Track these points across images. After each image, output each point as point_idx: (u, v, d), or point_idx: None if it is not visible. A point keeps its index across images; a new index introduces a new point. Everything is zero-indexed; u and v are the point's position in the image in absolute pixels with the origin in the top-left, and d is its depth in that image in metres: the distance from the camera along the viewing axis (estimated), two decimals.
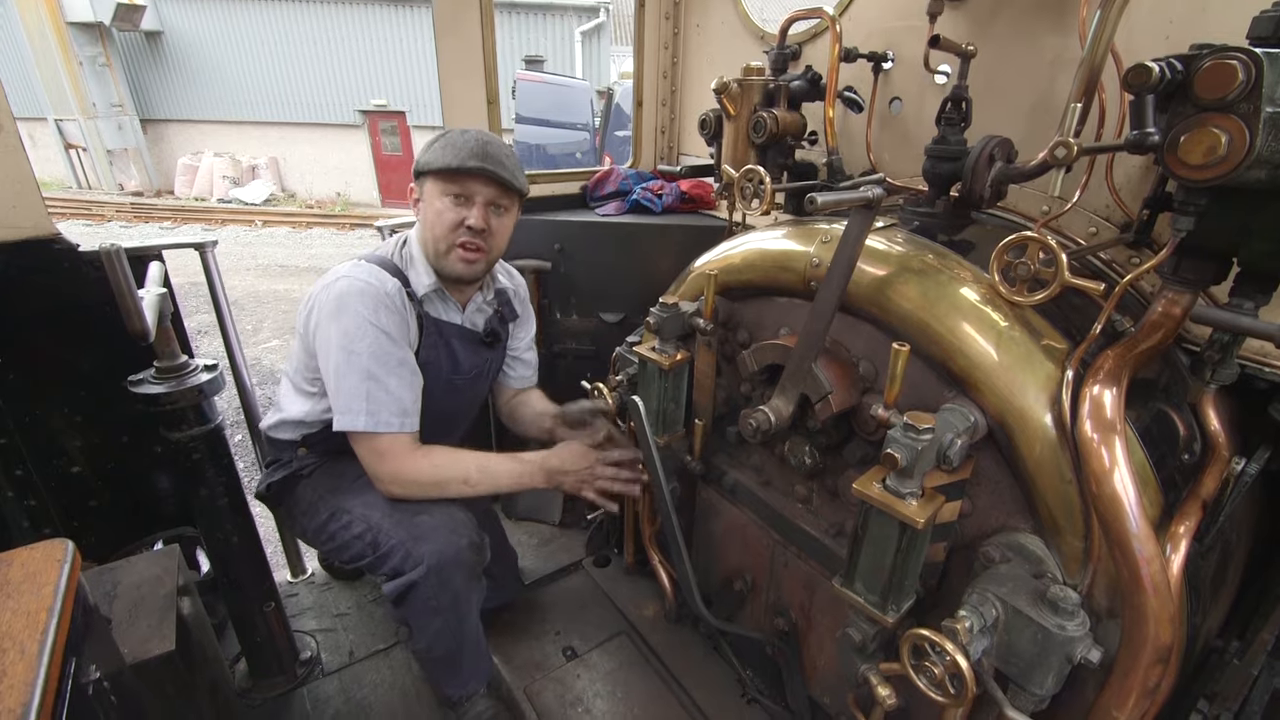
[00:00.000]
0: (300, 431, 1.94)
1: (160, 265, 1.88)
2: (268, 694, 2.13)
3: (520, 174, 1.83)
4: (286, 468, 1.95)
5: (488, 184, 1.76)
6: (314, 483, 1.92)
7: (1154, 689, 1.07)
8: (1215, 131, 0.99)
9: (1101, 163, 1.54)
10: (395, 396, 1.74)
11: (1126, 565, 1.04)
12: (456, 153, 1.72)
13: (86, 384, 2.12)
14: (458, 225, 1.77)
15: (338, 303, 1.71)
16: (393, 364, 1.74)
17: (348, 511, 1.83)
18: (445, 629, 1.82)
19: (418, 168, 1.80)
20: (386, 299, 1.74)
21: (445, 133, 1.80)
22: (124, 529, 2.32)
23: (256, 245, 12.67)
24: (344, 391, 1.72)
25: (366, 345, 1.70)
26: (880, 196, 1.26)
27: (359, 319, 1.70)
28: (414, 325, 1.84)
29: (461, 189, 1.76)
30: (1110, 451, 1.07)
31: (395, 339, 1.75)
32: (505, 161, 1.77)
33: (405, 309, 1.80)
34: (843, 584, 1.35)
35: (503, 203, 1.82)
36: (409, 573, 1.72)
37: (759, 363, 1.62)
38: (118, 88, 16.40)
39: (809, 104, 1.96)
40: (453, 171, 1.72)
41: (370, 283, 1.74)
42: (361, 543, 1.79)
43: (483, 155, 1.72)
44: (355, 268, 1.77)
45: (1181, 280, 1.21)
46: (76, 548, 1.27)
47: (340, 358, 1.71)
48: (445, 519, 1.79)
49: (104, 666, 1.30)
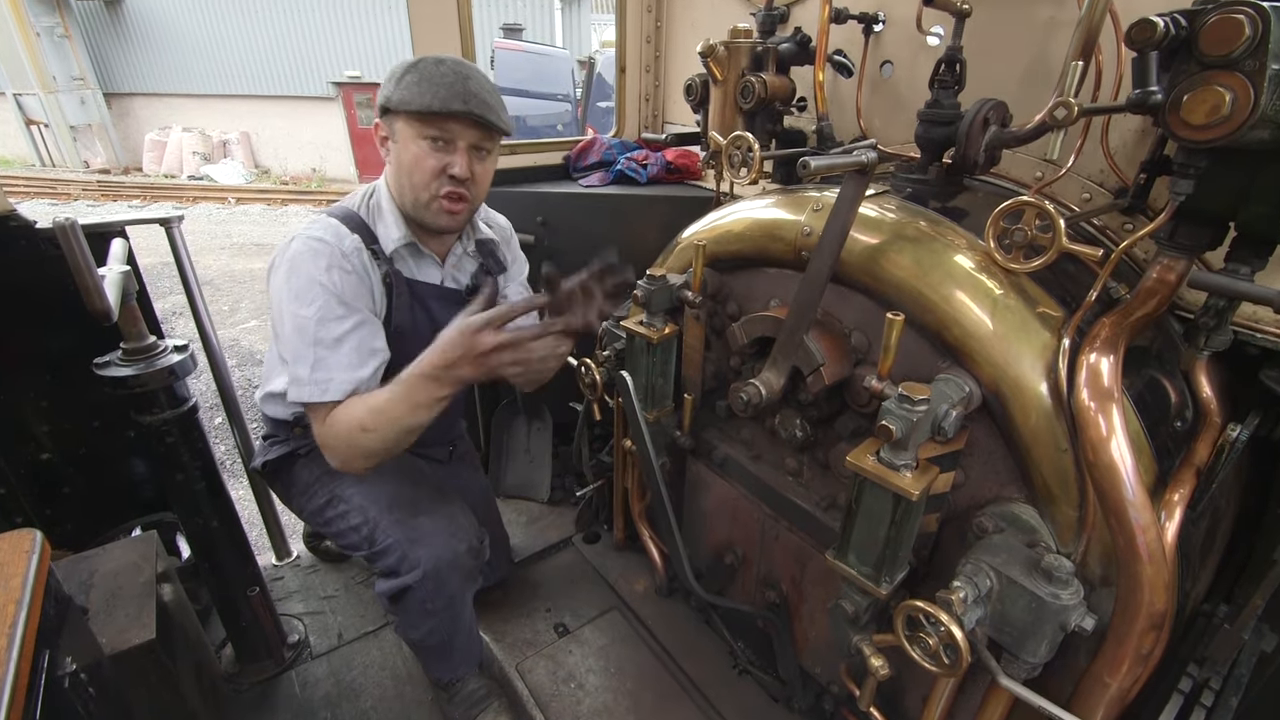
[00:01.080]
0: (291, 410, 1.81)
1: (123, 242, 1.80)
2: (255, 679, 2.11)
3: (505, 111, 1.65)
4: (284, 445, 1.87)
5: (472, 126, 1.58)
6: (311, 462, 1.84)
7: (1147, 655, 1.07)
8: (1219, 90, 0.96)
9: (1096, 127, 1.51)
10: (347, 364, 1.56)
11: (1122, 533, 1.04)
12: (436, 91, 1.52)
13: (53, 367, 2.04)
14: (439, 173, 1.60)
15: (290, 264, 1.56)
16: (346, 329, 1.57)
17: (345, 500, 1.77)
18: (439, 627, 1.79)
19: (386, 104, 1.58)
20: (341, 259, 1.57)
21: (417, 62, 1.57)
22: (100, 516, 2.26)
23: (230, 223, 12.34)
24: (291, 359, 1.55)
25: (315, 310, 1.53)
26: (874, 161, 1.22)
27: (309, 280, 1.54)
28: (379, 286, 1.67)
29: (441, 132, 1.57)
30: (1108, 420, 1.05)
31: (348, 301, 1.57)
32: (490, 100, 1.58)
33: (366, 268, 1.64)
34: (836, 556, 1.34)
35: (486, 145, 1.65)
36: (404, 576, 1.67)
37: (749, 335, 1.59)
38: (78, 60, 15.73)
39: (797, 68, 1.90)
40: (432, 114, 1.54)
41: (325, 240, 1.57)
42: (358, 535, 1.74)
43: (466, 94, 1.53)
44: (312, 224, 1.62)
45: (1178, 246, 1.19)
46: (46, 537, 1.23)
47: (288, 324, 1.55)
48: (445, 522, 1.73)
49: (81, 658, 1.27)
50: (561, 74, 9.07)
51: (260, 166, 17.03)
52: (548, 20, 15.97)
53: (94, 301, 1.32)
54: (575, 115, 8.92)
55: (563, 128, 8.74)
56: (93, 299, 1.32)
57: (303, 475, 1.85)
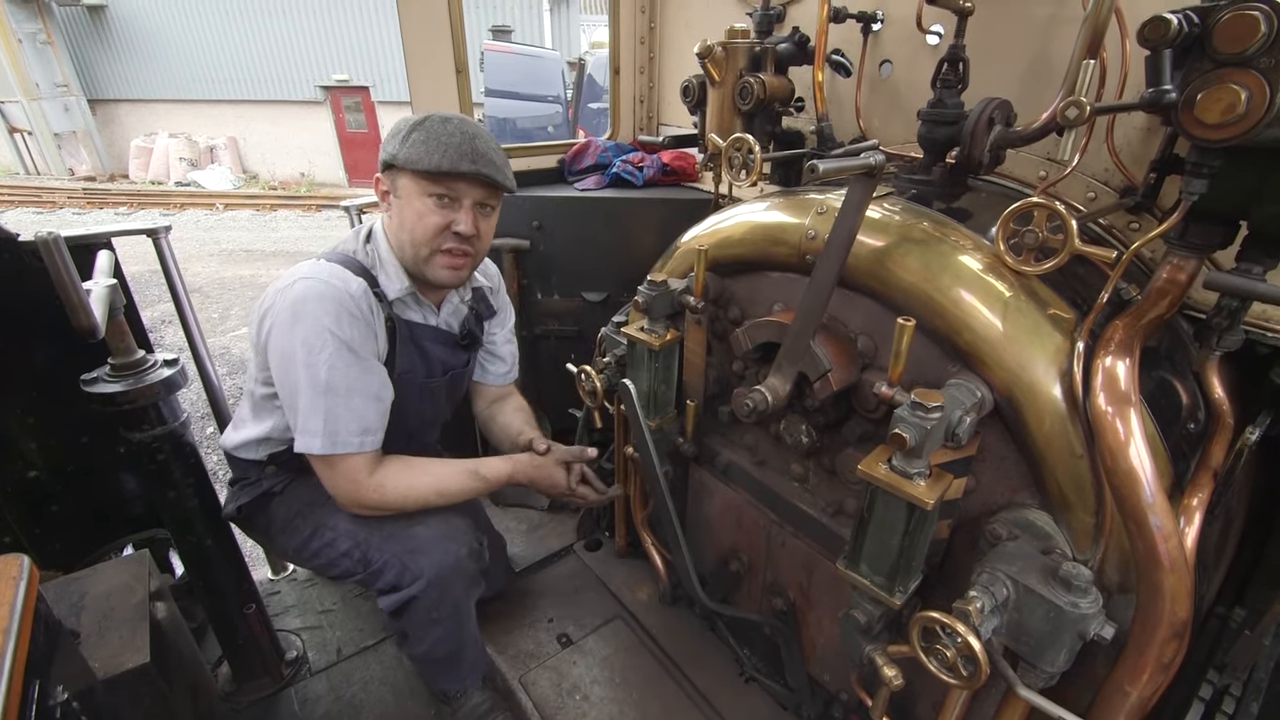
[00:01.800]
0: (266, 450, 1.78)
1: (109, 254, 1.75)
2: (253, 697, 2.06)
3: (508, 169, 1.66)
4: (256, 487, 1.80)
5: (478, 185, 1.60)
6: (288, 499, 1.79)
7: (1169, 664, 1.06)
8: (1234, 88, 0.94)
9: (1101, 126, 1.49)
10: (356, 414, 1.58)
11: (1143, 540, 1.02)
12: (445, 151, 1.52)
13: (39, 383, 1.99)
14: (443, 230, 1.60)
15: (293, 309, 1.52)
16: (354, 377, 1.57)
17: (331, 528, 1.72)
18: (445, 636, 1.76)
19: (392, 160, 1.58)
20: (350, 302, 1.55)
21: (422, 121, 1.57)
22: (90, 534, 2.21)
23: (219, 230, 12.24)
24: (301, 409, 1.55)
25: (326, 357, 1.52)
26: (882, 163, 1.20)
27: (318, 327, 1.51)
28: (383, 332, 1.66)
29: (448, 190, 1.58)
30: (1125, 424, 1.03)
31: (358, 350, 1.57)
32: (495, 159, 1.60)
33: (372, 313, 1.62)
34: (847, 566, 1.32)
35: (491, 203, 1.67)
36: (407, 588, 1.64)
37: (753, 340, 1.56)
38: (61, 66, 15.59)
39: (795, 68, 1.88)
40: (442, 174, 1.54)
41: (331, 284, 1.54)
42: (349, 560, 1.70)
43: (474, 155, 1.54)
44: (314, 268, 1.58)
45: (1188, 245, 1.17)
46: (34, 562, 1.19)
47: (297, 372, 1.53)
48: (442, 528, 1.70)
49: (72, 685, 1.23)
50: (551, 75, 9.03)
51: (248, 172, 16.92)
52: (536, 21, 15.93)
53: (80, 318, 1.28)
54: (566, 117, 8.88)
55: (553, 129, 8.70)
56: (78, 315, 1.28)
57: (280, 513, 1.80)
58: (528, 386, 2.90)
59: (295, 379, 1.54)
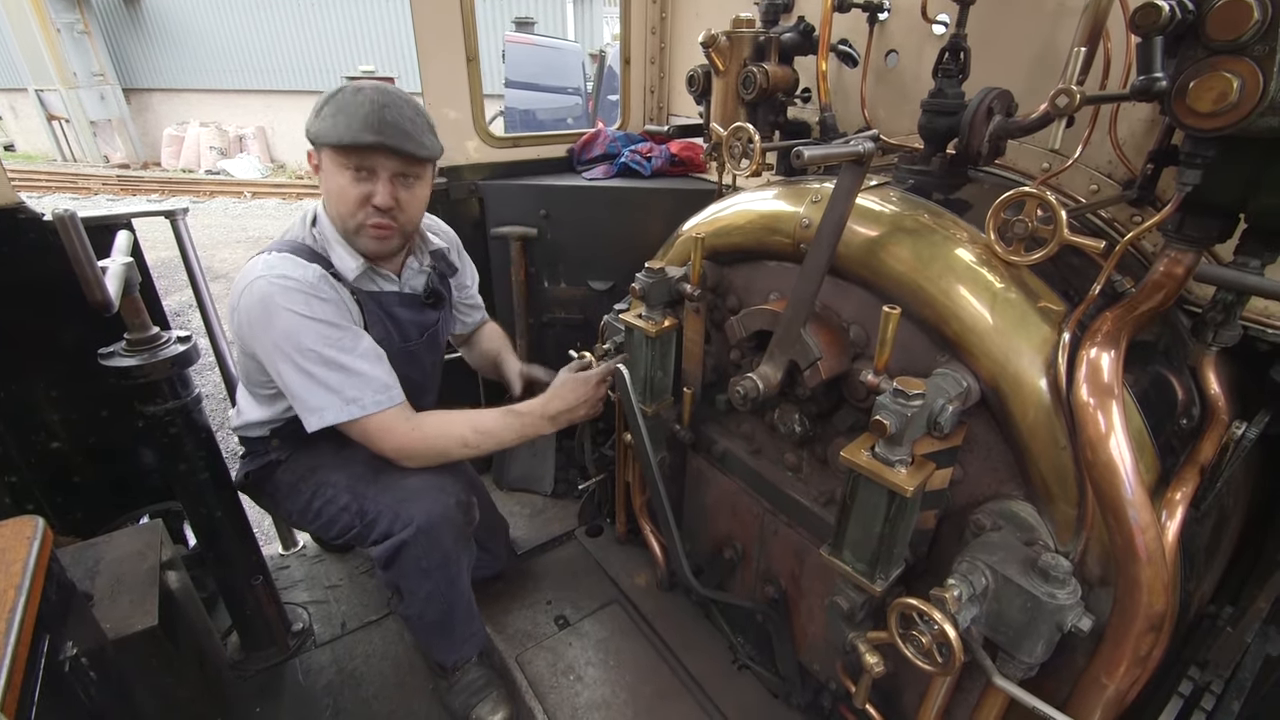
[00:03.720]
0: (269, 428, 1.87)
1: (129, 234, 1.82)
2: (260, 666, 2.14)
3: (429, 136, 1.64)
4: (262, 457, 1.89)
5: (391, 156, 1.58)
6: (292, 465, 1.87)
7: (1145, 657, 1.05)
8: (1227, 76, 0.92)
9: (1105, 117, 1.47)
10: (366, 376, 1.65)
11: (1120, 533, 1.01)
12: (349, 123, 1.52)
13: (63, 358, 2.07)
14: (363, 203, 1.62)
15: (263, 308, 1.57)
16: (348, 344, 1.63)
17: (331, 485, 1.79)
18: (436, 592, 1.80)
19: (309, 136, 1.60)
20: (312, 289, 1.60)
21: (337, 92, 1.57)
22: (110, 504, 2.30)
23: (246, 218, 12.47)
24: (312, 392, 1.61)
25: (314, 338, 1.58)
26: (872, 151, 1.20)
27: (292, 320, 1.56)
28: (352, 305, 1.71)
29: (362, 162, 1.58)
30: (1106, 416, 1.03)
31: (339, 324, 1.63)
32: (408, 127, 1.57)
33: (337, 292, 1.67)
34: (831, 552, 1.33)
35: (411, 172, 1.65)
36: (398, 534, 1.69)
37: (747, 329, 1.57)
38: (98, 56, 15.96)
39: (801, 58, 1.87)
40: (347, 147, 1.54)
41: (290, 276, 1.58)
42: (348, 514, 1.76)
43: (380, 125, 1.52)
44: (268, 263, 1.62)
45: (1185, 238, 1.15)
46: (50, 524, 1.25)
47: (294, 361, 1.59)
48: (432, 480, 1.75)
49: (83, 643, 1.29)
50: (572, 68, 9.02)
51: (276, 161, 17.20)
52: (559, 13, 15.93)
53: (93, 292, 1.34)
54: (586, 109, 8.88)
55: (573, 121, 8.69)
56: (92, 289, 1.34)
57: (285, 478, 1.88)
58: None
59: (296, 368, 1.60)
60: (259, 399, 1.83)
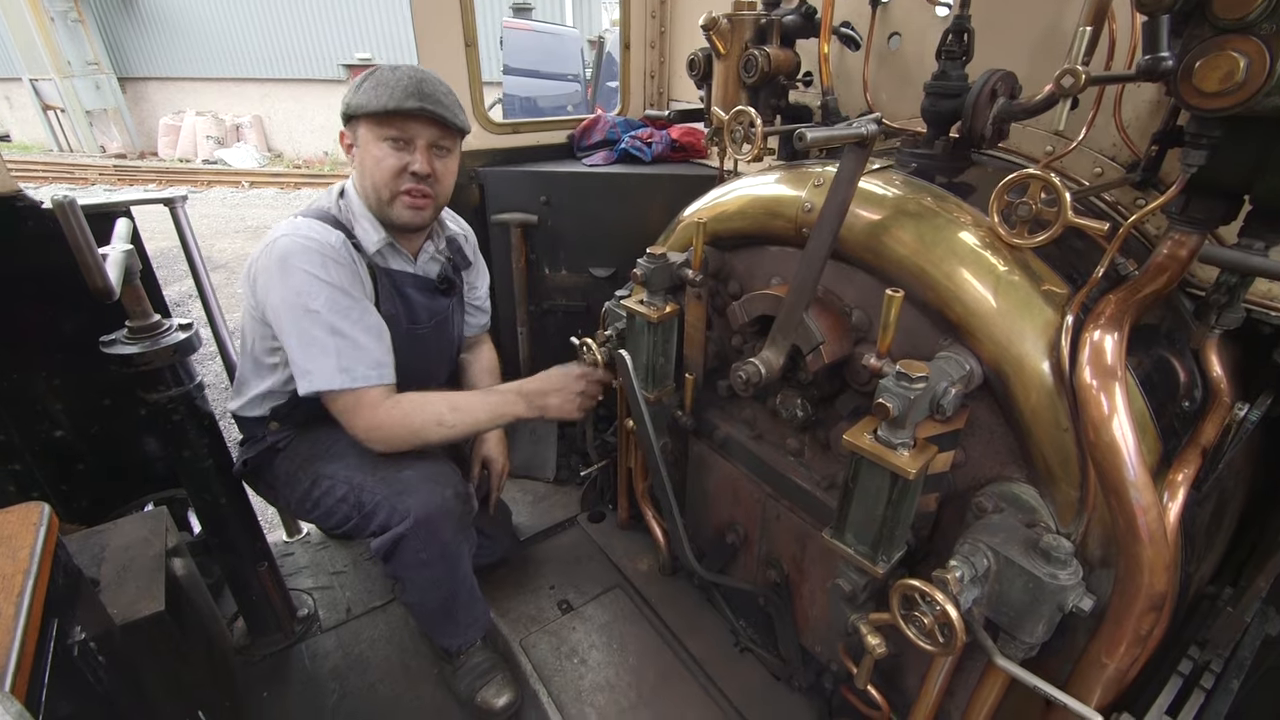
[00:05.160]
0: (269, 405, 1.87)
1: (127, 222, 1.81)
2: (266, 651, 2.15)
3: (460, 111, 1.73)
4: (261, 443, 1.90)
5: (429, 125, 1.66)
6: (291, 454, 1.88)
7: (1145, 637, 1.06)
8: (1234, 55, 0.92)
9: (1109, 99, 1.46)
10: (365, 349, 1.67)
11: (1122, 514, 1.02)
12: (391, 93, 1.60)
13: (65, 346, 2.07)
14: (400, 171, 1.68)
15: (280, 264, 1.62)
16: (355, 315, 1.67)
17: (329, 476, 1.79)
18: (436, 581, 1.81)
19: (348, 111, 1.67)
20: (332, 252, 1.65)
21: (373, 70, 1.66)
22: (114, 492, 2.31)
23: (244, 207, 12.42)
24: (310, 353, 1.63)
25: (323, 301, 1.62)
26: (874, 133, 1.19)
27: (308, 278, 1.61)
28: (367, 278, 1.76)
29: (400, 132, 1.65)
30: (1109, 398, 1.03)
31: (351, 291, 1.67)
32: (444, 99, 1.67)
33: (355, 262, 1.72)
34: (833, 535, 1.34)
35: (445, 144, 1.73)
36: (395, 527, 1.70)
37: (749, 314, 1.57)
38: (92, 45, 15.82)
39: (803, 41, 1.86)
40: (389, 114, 1.61)
41: (312, 237, 1.64)
42: (346, 505, 1.77)
43: (420, 94, 1.61)
44: (293, 225, 1.67)
45: (1189, 220, 1.15)
46: (56, 511, 1.26)
47: (298, 318, 1.62)
48: (429, 471, 1.76)
49: (91, 628, 1.30)
50: (571, 54, 8.94)
51: (273, 150, 17.10)
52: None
53: (94, 279, 1.34)
54: (585, 96, 8.81)
55: (572, 108, 8.63)
56: (93, 276, 1.34)
57: (284, 466, 1.89)
58: (534, 360, 2.94)
59: (299, 328, 1.63)
60: (261, 368, 1.84)
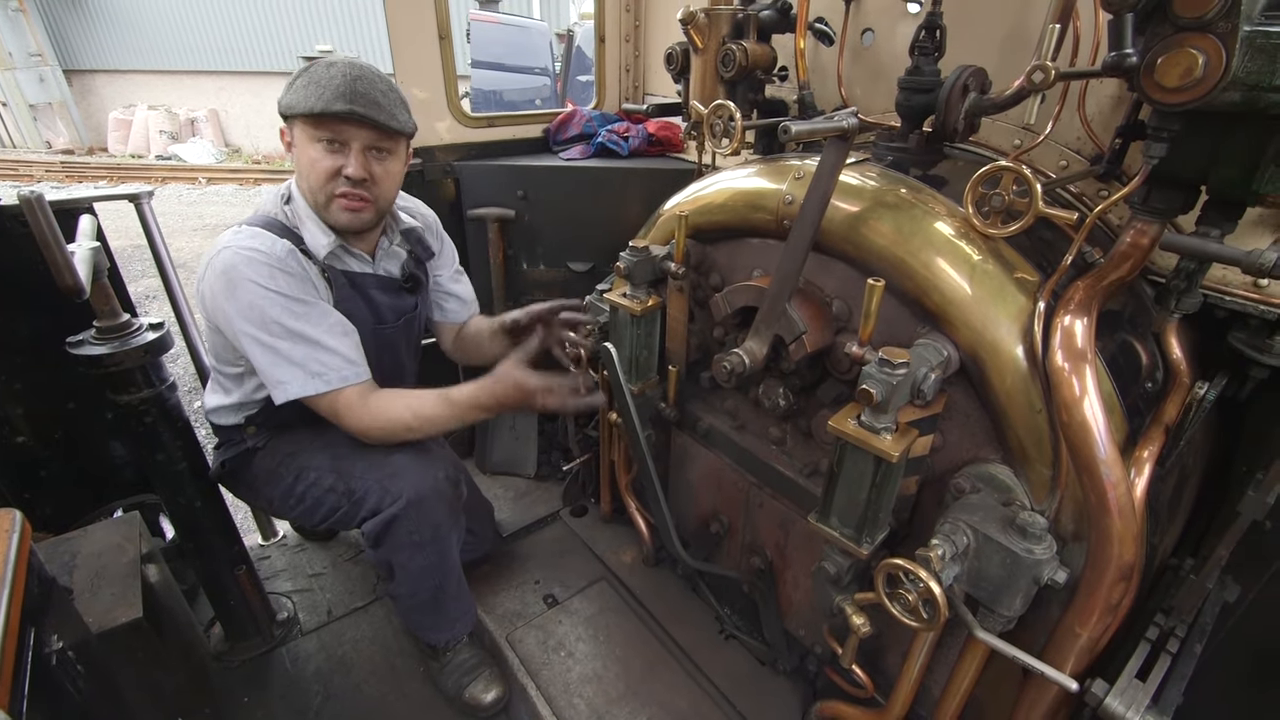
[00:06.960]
0: (242, 414, 1.82)
1: (92, 218, 1.75)
2: (245, 656, 2.11)
3: (401, 111, 1.63)
4: (238, 445, 1.85)
5: (363, 127, 1.57)
6: (271, 451, 1.83)
7: (1116, 605, 1.12)
8: (1193, 52, 0.96)
9: (1074, 94, 1.51)
10: (332, 350, 1.62)
11: (1093, 489, 1.07)
12: (321, 93, 1.51)
13: (24, 350, 2.00)
14: (334, 174, 1.59)
15: (226, 279, 1.54)
16: (315, 318, 1.61)
17: (315, 468, 1.77)
18: (428, 567, 1.80)
19: (281, 109, 1.58)
20: (279, 262, 1.58)
21: (309, 66, 1.56)
22: (80, 499, 2.24)
23: (201, 204, 12.02)
24: (277, 364, 1.58)
25: (279, 310, 1.56)
26: (855, 126, 1.23)
27: (256, 291, 1.54)
28: (321, 284, 1.69)
29: (334, 134, 1.56)
30: (1080, 380, 1.08)
31: (304, 297, 1.61)
32: (380, 100, 1.56)
33: (305, 269, 1.65)
34: (818, 519, 1.37)
35: (384, 145, 1.63)
36: (387, 508, 1.68)
37: (732, 305, 1.59)
38: (35, 36, 15.10)
39: (779, 36, 1.89)
40: (317, 116, 1.52)
41: (256, 248, 1.56)
42: (334, 494, 1.74)
43: (352, 95, 1.51)
44: (236, 235, 1.60)
45: (1151, 210, 1.21)
46: (25, 518, 1.22)
47: (257, 332, 1.56)
48: (418, 455, 1.75)
49: (68, 636, 1.27)
50: (539, 47, 8.87)
51: (231, 145, 16.57)
52: None
53: (64, 278, 1.29)
54: (554, 90, 8.76)
55: (541, 102, 8.56)
56: (63, 275, 1.29)
57: (264, 464, 1.84)
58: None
59: (260, 342, 1.57)
60: (229, 379, 1.79)
